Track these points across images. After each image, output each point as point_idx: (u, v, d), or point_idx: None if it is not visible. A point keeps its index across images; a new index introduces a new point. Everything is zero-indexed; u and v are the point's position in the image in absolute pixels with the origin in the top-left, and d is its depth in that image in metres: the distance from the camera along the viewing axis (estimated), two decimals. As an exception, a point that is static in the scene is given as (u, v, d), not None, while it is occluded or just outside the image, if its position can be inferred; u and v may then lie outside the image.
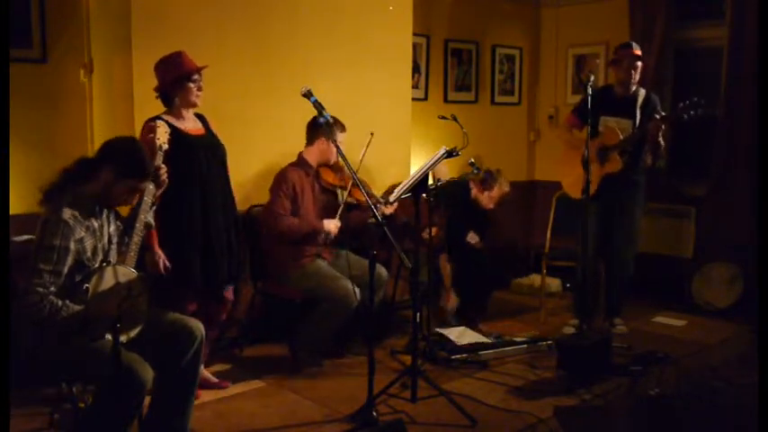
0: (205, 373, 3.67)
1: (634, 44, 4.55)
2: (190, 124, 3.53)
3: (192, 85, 3.46)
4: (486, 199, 4.85)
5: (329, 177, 4.21)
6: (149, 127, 3.31)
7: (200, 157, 3.49)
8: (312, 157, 4.14)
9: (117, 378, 2.41)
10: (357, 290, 3.89)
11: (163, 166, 2.97)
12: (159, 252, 3.36)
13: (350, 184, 4.11)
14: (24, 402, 3.35)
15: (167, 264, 3.37)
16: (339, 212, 4.09)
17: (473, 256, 4.85)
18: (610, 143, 4.41)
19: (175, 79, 3.43)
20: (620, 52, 4.55)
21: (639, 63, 4.50)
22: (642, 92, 4.56)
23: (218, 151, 3.61)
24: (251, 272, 4.16)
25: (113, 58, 3.92)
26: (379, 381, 3.37)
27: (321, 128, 4.02)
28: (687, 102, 4.19)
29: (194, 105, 3.53)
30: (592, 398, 3.63)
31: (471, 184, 4.86)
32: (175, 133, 3.40)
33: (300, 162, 4.15)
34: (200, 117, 3.61)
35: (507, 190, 4.86)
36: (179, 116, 3.49)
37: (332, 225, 4.05)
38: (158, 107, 3.49)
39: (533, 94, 6.64)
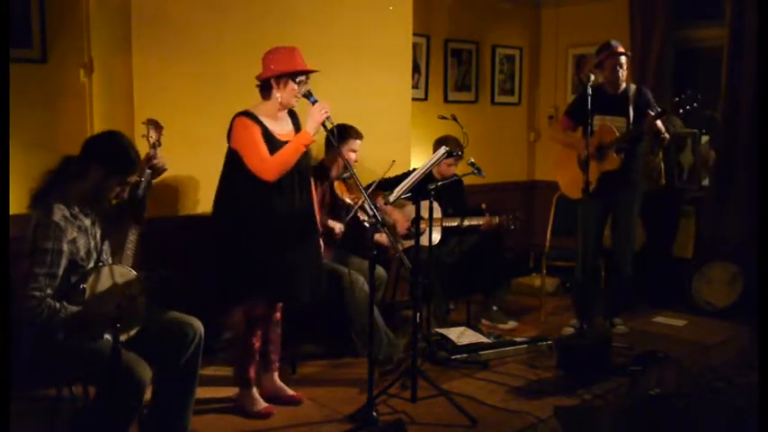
0: (278, 382, 3.59)
1: (614, 42, 4.47)
2: (281, 127, 3.32)
3: (295, 86, 3.25)
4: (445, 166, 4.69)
5: (340, 192, 4.24)
6: (242, 122, 3.19)
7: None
8: (330, 164, 4.19)
9: (116, 378, 2.41)
10: (361, 278, 3.96)
11: (155, 152, 2.83)
12: None
13: (359, 203, 4.06)
14: (24, 402, 3.35)
15: None
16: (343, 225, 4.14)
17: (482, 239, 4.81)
18: (606, 140, 4.41)
19: (280, 74, 3.22)
20: (600, 54, 4.51)
21: (624, 59, 4.44)
22: (633, 87, 4.55)
23: (303, 159, 3.29)
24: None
25: (113, 58, 3.92)
26: (378, 381, 3.37)
27: (331, 144, 3.95)
28: (683, 95, 4.18)
29: (290, 107, 3.35)
30: (592, 398, 3.63)
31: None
32: (265, 134, 3.22)
33: (319, 167, 4.14)
34: (292, 115, 3.42)
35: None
36: (272, 115, 3.29)
37: (337, 226, 4.10)
38: (158, 106, 3.47)
39: (533, 94, 6.64)
